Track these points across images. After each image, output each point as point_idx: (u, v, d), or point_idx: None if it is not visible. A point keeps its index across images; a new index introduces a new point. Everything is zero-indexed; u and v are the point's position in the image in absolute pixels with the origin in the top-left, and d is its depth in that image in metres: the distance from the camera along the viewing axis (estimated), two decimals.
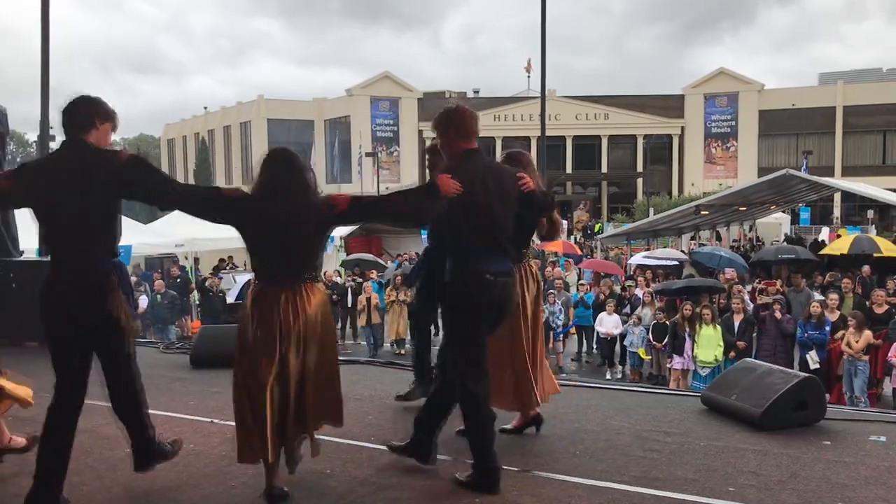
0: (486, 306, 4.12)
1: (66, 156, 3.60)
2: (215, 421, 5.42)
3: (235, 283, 17.48)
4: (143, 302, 15.30)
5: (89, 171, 3.53)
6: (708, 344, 11.67)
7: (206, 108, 63.03)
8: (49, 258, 3.69)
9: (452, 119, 4.28)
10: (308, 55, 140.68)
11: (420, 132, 51.45)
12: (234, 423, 5.25)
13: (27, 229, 9.47)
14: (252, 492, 4.10)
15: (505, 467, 4.35)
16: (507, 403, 4.86)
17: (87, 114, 3.62)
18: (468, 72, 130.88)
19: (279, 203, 3.74)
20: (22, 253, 9.47)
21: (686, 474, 4.32)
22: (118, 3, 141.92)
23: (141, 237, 17.84)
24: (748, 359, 6.52)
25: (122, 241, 3.91)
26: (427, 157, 5.94)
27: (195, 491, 4.14)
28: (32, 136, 46.85)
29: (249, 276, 17.84)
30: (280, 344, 3.70)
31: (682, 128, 51.03)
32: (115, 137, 3.78)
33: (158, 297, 15.77)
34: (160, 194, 3.73)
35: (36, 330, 8.14)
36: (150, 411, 5.52)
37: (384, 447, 4.59)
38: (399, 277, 15.90)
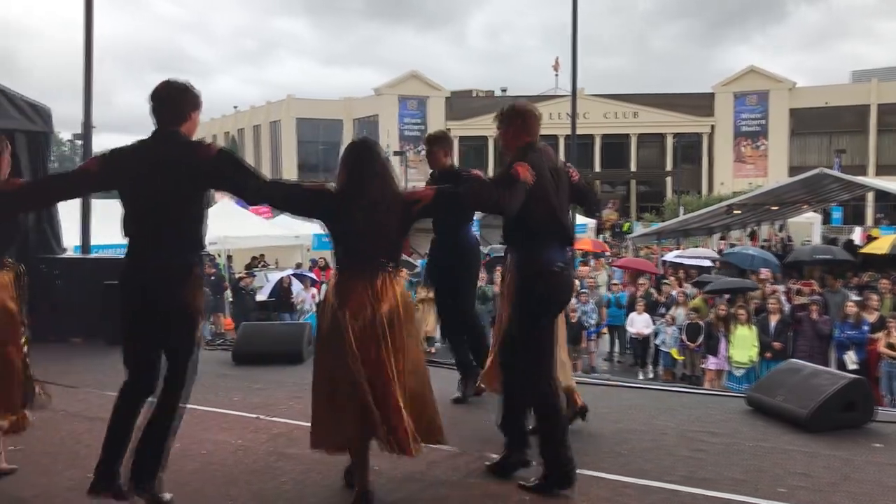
0: (555, 298, 4.17)
1: (158, 146, 3.63)
2: (261, 417, 5.49)
3: (268, 282, 17.61)
4: None
5: (179, 163, 3.56)
6: (743, 344, 11.58)
7: (236, 107, 63.55)
8: (128, 245, 3.70)
9: (520, 114, 4.38)
10: (332, 54, 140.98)
11: (448, 130, 51.33)
12: (280, 420, 5.36)
13: (67, 228, 9.67)
14: (301, 488, 4.16)
15: None
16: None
17: (180, 105, 3.66)
18: (493, 70, 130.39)
19: (367, 194, 3.75)
20: (64, 250, 9.63)
21: (735, 475, 4.30)
22: (143, 3, 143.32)
23: None
24: (794, 360, 6.45)
25: None
26: (426, 146, 6.01)
27: (246, 487, 4.19)
28: (66, 134, 47.30)
29: (282, 273, 18.07)
30: (364, 335, 3.66)
31: (712, 126, 50.57)
32: (145, 136, 3.83)
33: None
34: (247, 189, 3.76)
35: (80, 327, 8.28)
36: (197, 407, 5.64)
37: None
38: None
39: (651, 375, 14.10)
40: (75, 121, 12.35)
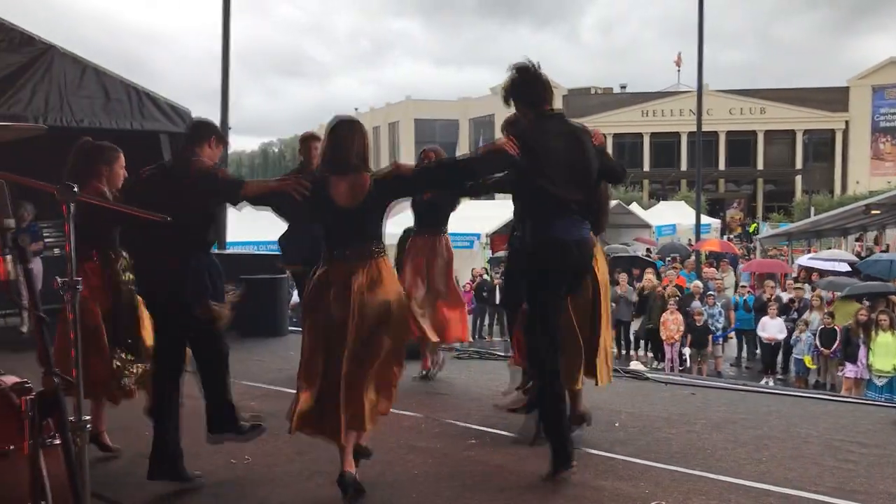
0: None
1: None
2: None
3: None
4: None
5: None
6: (886, 352, 10.89)
7: (356, 109, 65.03)
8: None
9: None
10: (445, 54, 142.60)
11: None
12: (409, 413, 5.42)
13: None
14: (434, 481, 4.18)
15: (686, 470, 4.27)
16: None
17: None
18: (609, 66, 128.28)
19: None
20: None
21: (889, 488, 4.04)
22: (264, 8, 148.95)
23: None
24: None
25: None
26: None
27: (381, 477, 4.24)
28: None
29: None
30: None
31: (847, 122, 47.87)
32: (272, 138, 4.09)
33: None
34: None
35: None
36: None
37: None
38: None
39: (772, 383, 13.44)
40: None
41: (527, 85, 4.20)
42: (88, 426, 2.35)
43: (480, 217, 19.75)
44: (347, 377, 3.69)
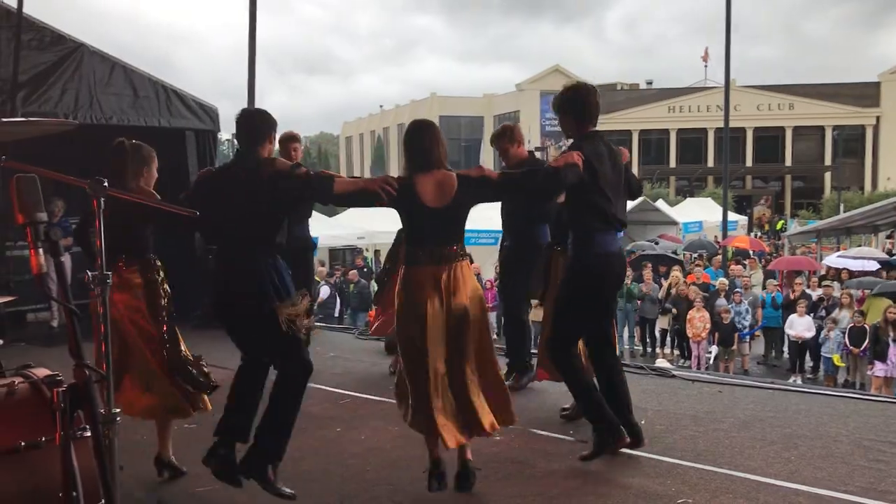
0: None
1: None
2: None
3: None
4: (325, 292, 15.98)
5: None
6: None
7: (381, 106, 65.22)
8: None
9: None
10: (469, 51, 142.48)
11: None
12: None
13: None
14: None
15: (713, 469, 4.24)
16: None
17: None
18: (635, 62, 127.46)
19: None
20: None
21: None
22: (288, 7, 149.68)
23: (326, 230, 18.77)
24: None
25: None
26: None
27: (407, 471, 4.25)
28: (224, 134, 49.85)
29: None
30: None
31: (878, 117, 47.19)
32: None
33: (351, 286, 16.41)
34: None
35: None
36: (358, 394, 5.82)
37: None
38: None
39: (800, 382, 13.29)
40: (231, 121, 12.92)
41: (578, 103, 4.38)
42: (119, 418, 2.37)
43: None
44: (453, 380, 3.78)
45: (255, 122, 3.91)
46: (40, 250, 2.20)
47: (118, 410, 2.38)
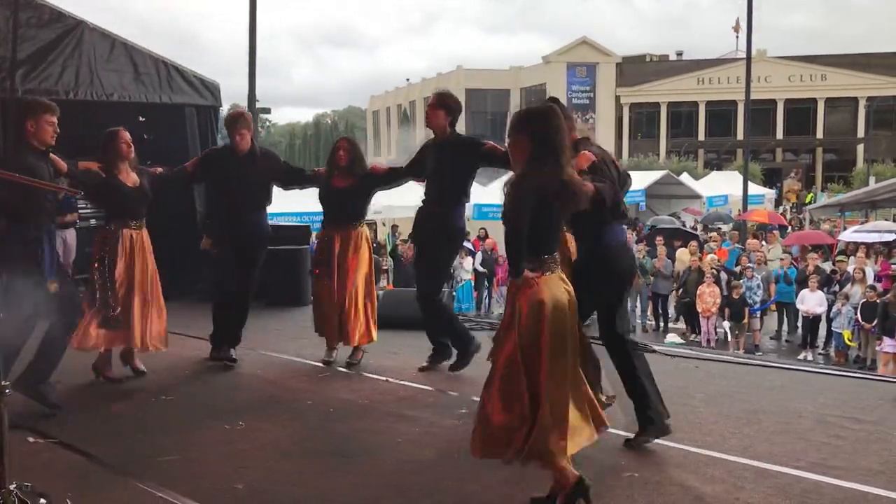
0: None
1: None
2: (389, 380, 5.67)
3: None
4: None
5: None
6: None
7: (408, 79, 64.92)
8: None
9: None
10: (495, 21, 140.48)
11: (617, 98, 50.26)
12: (407, 383, 5.52)
13: None
14: (417, 448, 4.27)
15: (672, 444, 4.27)
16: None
17: None
18: (665, 33, 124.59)
19: None
20: None
21: (871, 465, 3.99)
22: None
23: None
24: None
25: None
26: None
27: (362, 444, 4.35)
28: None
29: None
30: None
31: None
32: (326, 109, 4.14)
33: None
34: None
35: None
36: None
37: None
38: None
39: (811, 358, 13.14)
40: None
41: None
42: (8, 391, 2.47)
43: None
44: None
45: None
46: None
47: (6, 383, 2.47)
